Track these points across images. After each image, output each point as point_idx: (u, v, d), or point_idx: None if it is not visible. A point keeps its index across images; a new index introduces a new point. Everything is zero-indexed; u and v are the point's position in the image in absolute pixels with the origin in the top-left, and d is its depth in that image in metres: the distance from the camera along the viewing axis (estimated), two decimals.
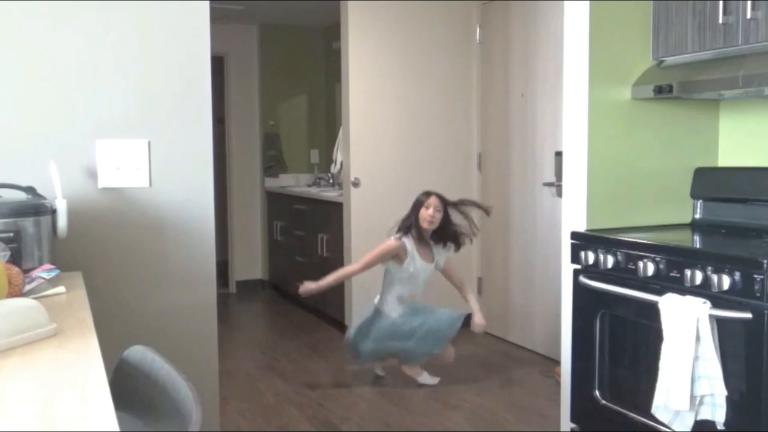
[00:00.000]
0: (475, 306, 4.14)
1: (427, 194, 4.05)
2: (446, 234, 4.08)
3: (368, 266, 4.04)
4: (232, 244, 6.82)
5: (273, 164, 6.79)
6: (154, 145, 2.27)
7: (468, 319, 4.13)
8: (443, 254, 4.15)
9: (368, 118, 4.98)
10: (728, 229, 2.84)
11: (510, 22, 4.80)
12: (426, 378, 4.12)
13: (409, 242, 4.00)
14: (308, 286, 4.02)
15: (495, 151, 5.02)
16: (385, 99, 5.01)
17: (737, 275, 2.15)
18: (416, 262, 4.01)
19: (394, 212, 4.17)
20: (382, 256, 4.01)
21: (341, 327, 5.18)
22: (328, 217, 5.37)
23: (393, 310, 4.06)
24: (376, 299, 4.15)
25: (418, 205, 4.05)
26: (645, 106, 2.88)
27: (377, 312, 4.10)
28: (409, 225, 4.03)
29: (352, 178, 4.95)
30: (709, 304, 2.20)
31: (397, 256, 3.99)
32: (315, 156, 6.98)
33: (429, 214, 3.98)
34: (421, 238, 4.02)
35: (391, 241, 4.01)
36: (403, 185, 4.91)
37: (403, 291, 4.07)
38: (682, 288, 2.31)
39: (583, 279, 2.69)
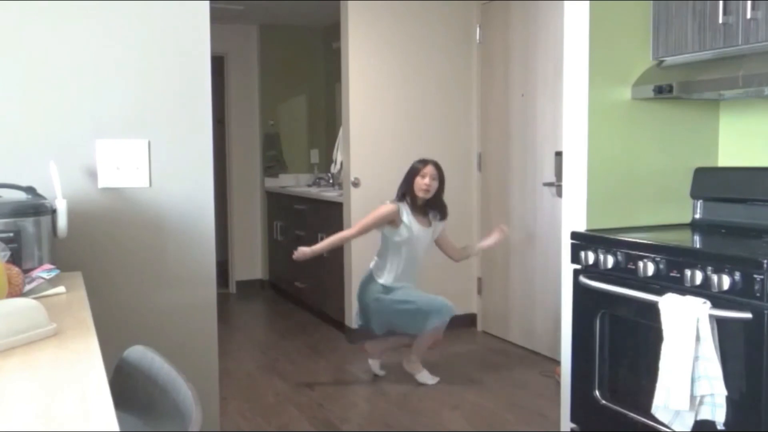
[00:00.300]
0: (487, 242, 4.21)
1: (424, 162, 4.01)
2: (438, 202, 4.05)
3: (363, 231, 4.03)
4: (232, 244, 6.82)
5: (273, 164, 6.79)
6: (154, 145, 2.27)
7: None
8: (440, 224, 4.13)
9: (368, 118, 4.98)
10: (728, 229, 2.83)
11: (510, 22, 4.80)
12: (426, 377, 4.12)
13: (404, 207, 3.98)
14: (303, 251, 4.00)
15: (495, 151, 5.02)
16: (385, 99, 5.01)
17: (737, 275, 2.15)
18: (413, 226, 3.98)
19: None
20: (377, 221, 3.99)
21: (341, 327, 5.18)
22: (328, 217, 5.36)
23: (385, 278, 4.03)
24: (372, 263, 4.14)
25: (413, 172, 4.01)
26: (645, 106, 2.87)
27: (370, 276, 4.09)
28: (404, 192, 4.01)
29: (352, 178, 4.95)
30: (709, 304, 2.20)
31: (392, 221, 3.97)
32: (315, 156, 6.97)
33: (425, 183, 3.95)
34: (416, 206, 4.00)
35: (386, 205, 3.98)
36: None
37: (400, 262, 4.01)
38: (682, 288, 2.31)
39: (583, 279, 2.69)
